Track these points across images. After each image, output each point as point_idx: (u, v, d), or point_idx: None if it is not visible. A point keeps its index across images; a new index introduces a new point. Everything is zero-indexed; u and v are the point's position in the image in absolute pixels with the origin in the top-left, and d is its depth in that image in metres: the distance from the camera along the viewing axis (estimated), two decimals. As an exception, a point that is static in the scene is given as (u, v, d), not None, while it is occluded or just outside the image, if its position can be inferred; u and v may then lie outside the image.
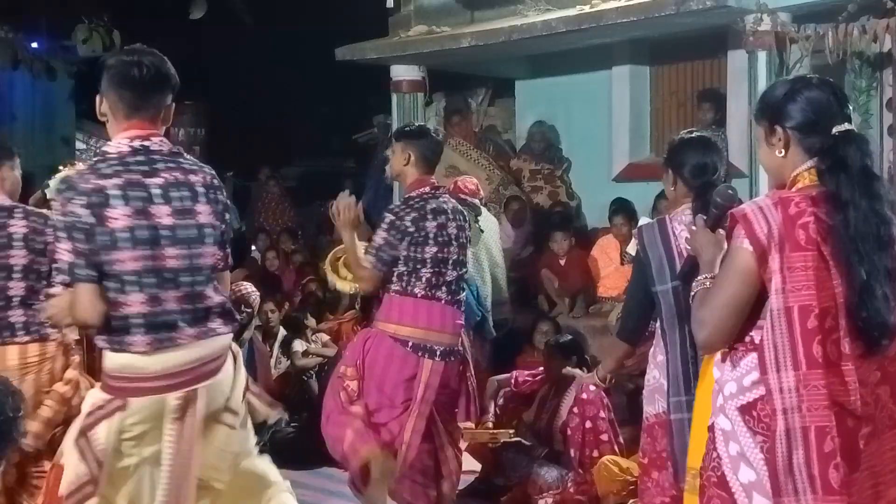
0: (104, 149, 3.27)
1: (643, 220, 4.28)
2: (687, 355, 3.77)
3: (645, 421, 3.99)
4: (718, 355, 2.76)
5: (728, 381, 2.67)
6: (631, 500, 5.28)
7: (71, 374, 4.35)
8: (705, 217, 2.92)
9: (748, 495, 2.60)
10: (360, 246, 5.03)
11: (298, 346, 7.76)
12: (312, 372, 7.64)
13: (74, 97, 13.61)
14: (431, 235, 4.87)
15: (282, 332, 7.89)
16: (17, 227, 4.29)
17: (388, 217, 4.88)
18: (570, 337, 6.44)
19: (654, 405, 3.92)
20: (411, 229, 4.82)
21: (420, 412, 4.87)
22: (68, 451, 3.21)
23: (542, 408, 6.23)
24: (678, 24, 8.06)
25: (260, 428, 6.91)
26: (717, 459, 2.66)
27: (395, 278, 4.87)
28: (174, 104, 3.35)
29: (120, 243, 3.11)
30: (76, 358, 4.37)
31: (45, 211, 4.32)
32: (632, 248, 4.67)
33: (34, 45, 11.77)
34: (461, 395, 5.09)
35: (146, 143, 3.24)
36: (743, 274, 2.60)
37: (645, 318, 3.99)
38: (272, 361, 7.68)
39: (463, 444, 6.28)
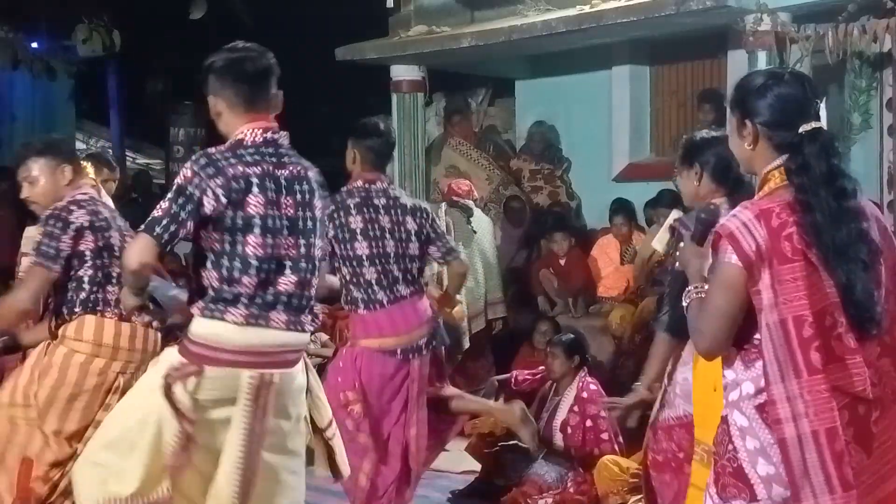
0: (238, 136, 3.38)
1: (675, 214, 4.21)
2: None
3: (663, 421, 3.97)
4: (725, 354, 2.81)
5: (744, 381, 2.71)
6: (631, 500, 5.28)
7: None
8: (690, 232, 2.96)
9: (766, 486, 2.66)
10: None
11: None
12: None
13: (74, 97, 13.61)
14: (357, 231, 4.83)
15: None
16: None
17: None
18: (571, 336, 6.44)
19: (676, 408, 3.90)
20: (327, 224, 4.77)
21: (419, 404, 4.91)
22: (133, 412, 3.31)
23: (543, 407, 6.23)
24: (678, 24, 8.07)
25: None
26: (734, 452, 2.70)
27: (351, 287, 4.84)
28: (281, 93, 3.51)
29: (255, 228, 3.28)
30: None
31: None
32: (660, 242, 4.62)
33: (34, 45, 11.76)
34: (431, 368, 5.05)
35: (276, 136, 3.41)
36: (733, 288, 2.63)
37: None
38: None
39: (463, 443, 6.29)
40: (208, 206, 3.23)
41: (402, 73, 9.61)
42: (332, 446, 3.67)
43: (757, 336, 2.68)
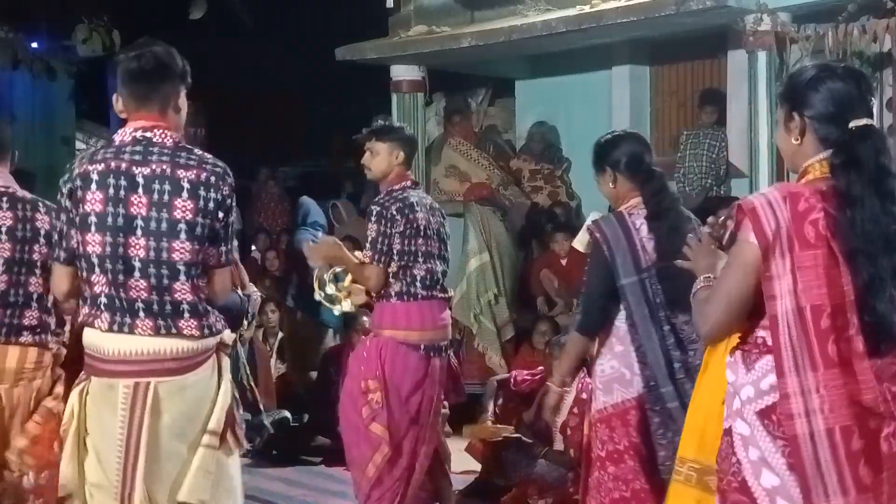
0: (113, 136, 3.37)
1: (593, 215, 4.32)
2: (667, 344, 3.87)
3: (599, 412, 4.01)
4: (729, 357, 2.73)
5: (744, 385, 2.62)
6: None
7: (59, 388, 4.13)
8: (710, 229, 2.89)
9: (771, 500, 2.56)
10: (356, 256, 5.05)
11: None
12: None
13: (74, 97, 13.61)
14: (421, 228, 4.90)
15: (281, 332, 7.90)
16: None
17: (374, 209, 4.92)
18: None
19: (611, 395, 3.98)
20: (398, 218, 4.84)
21: (436, 410, 4.98)
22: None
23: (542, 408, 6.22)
24: (678, 24, 8.06)
25: (259, 428, 6.98)
26: (738, 465, 2.60)
27: (391, 279, 4.88)
28: (183, 92, 3.43)
29: (91, 226, 3.22)
30: (62, 372, 4.11)
31: None
32: (580, 243, 4.78)
33: (34, 45, 11.76)
34: (448, 378, 5.13)
35: (148, 133, 3.29)
36: (746, 267, 2.56)
37: (606, 311, 4.01)
38: (272, 361, 7.68)
39: (464, 443, 6.30)
40: (68, 208, 3.27)
41: (402, 73, 9.61)
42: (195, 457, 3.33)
43: (760, 334, 2.60)
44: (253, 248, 11.15)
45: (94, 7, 11.57)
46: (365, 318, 6.22)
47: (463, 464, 6.26)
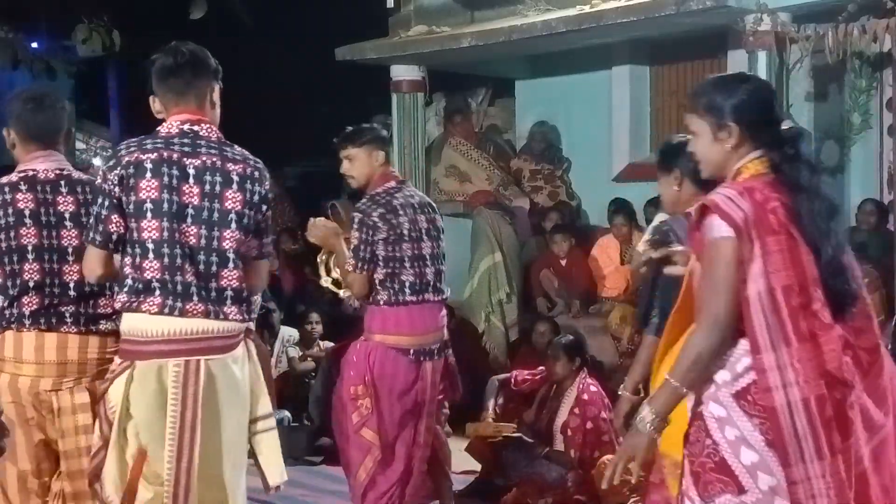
0: (158, 128, 3.46)
1: (661, 216, 4.22)
2: None
3: None
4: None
5: (719, 370, 2.76)
6: (631, 501, 5.28)
7: None
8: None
9: (752, 475, 2.71)
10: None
11: (294, 352, 7.78)
12: (314, 374, 7.64)
13: (74, 97, 13.60)
14: (405, 232, 4.84)
15: (283, 331, 7.90)
16: None
17: (357, 216, 4.88)
18: (572, 338, 6.45)
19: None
20: (381, 225, 4.79)
21: (429, 412, 4.94)
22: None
23: (543, 408, 6.23)
24: (678, 24, 8.06)
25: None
26: (714, 446, 2.74)
27: (378, 286, 4.85)
28: (217, 88, 3.57)
29: (147, 212, 3.31)
30: None
31: None
32: (644, 245, 4.66)
33: (34, 45, 11.77)
34: (443, 378, 5.06)
35: (195, 127, 3.44)
36: (728, 258, 2.70)
37: None
38: (273, 361, 7.68)
39: (464, 443, 6.29)
40: (115, 194, 3.33)
41: (402, 73, 9.61)
42: (255, 446, 3.51)
43: None
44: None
45: (94, 7, 11.56)
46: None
47: (463, 464, 6.26)
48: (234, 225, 3.37)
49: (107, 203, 3.35)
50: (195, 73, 3.49)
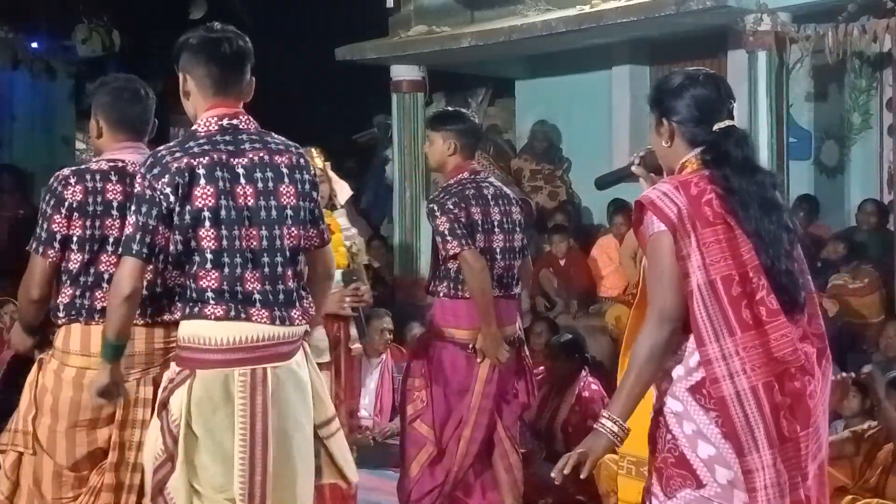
0: (193, 128, 3.26)
1: None
2: None
3: None
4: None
5: (674, 366, 2.79)
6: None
7: None
8: None
9: (710, 469, 2.72)
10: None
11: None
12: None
13: (74, 97, 13.59)
14: (477, 222, 4.68)
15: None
16: None
17: (432, 206, 4.71)
18: (572, 337, 6.45)
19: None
20: (455, 211, 4.63)
21: (482, 408, 4.76)
22: (152, 426, 3.27)
23: (544, 407, 6.23)
24: (678, 24, 8.07)
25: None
26: (673, 441, 2.77)
27: (441, 278, 4.73)
28: (254, 80, 3.34)
29: (204, 221, 3.12)
30: None
31: None
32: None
33: (34, 45, 11.75)
34: (518, 379, 4.94)
35: (234, 121, 3.24)
36: (668, 251, 2.74)
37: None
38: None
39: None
40: (165, 205, 3.11)
41: (402, 73, 9.61)
42: (330, 447, 3.42)
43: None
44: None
45: (94, 7, 11.57)
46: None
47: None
48: (290, 220, 3.21)
49: (154, 213, 3.11)
50: (245, 66, 3.29)
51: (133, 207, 3.16)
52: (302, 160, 3.30)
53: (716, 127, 2.82)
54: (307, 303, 3.29)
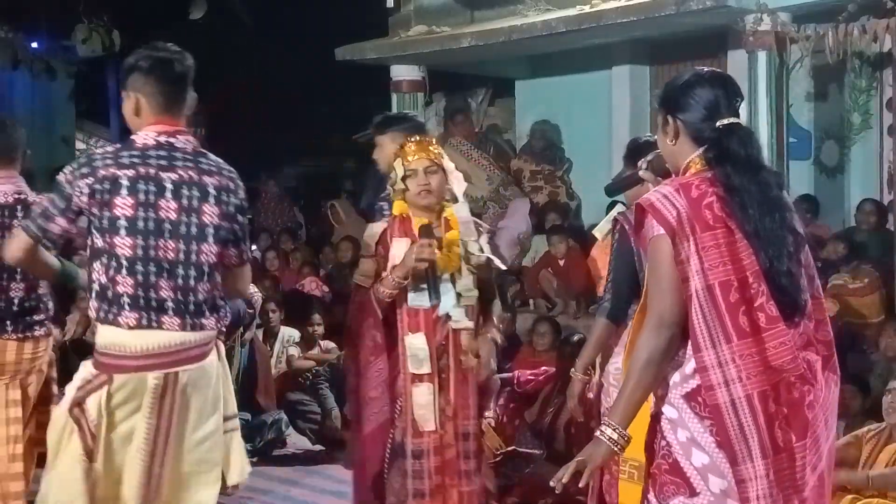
0: (132, 138, 3.40)
1: (619, 207, 4.50)
2: None
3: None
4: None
5: (671, 372, 2.76)
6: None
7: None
8: None
9: (703, 478, 2.69)
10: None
11: (294, 350, 7.78)
12: (311, 374, 7.62)
13: (74, 97, 13.61)
14: None
15: (283, 331, 7.90)
16: None
17: (382, 205, 4.59)
18: (578, 336, 6.45)
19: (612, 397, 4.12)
20: None
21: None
22: (56, 424, 3.37)
23: (546, 407, 6.22)
24: (678, 24, 8.07)
25: (260, 427, 6.98)
26: (668, 447, 2.74)
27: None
28: (195, 95, 3.51)
29: (121, 229, 3.29)
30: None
31: None
32: (599, 232, 4.85)
33: (34, 45, 11.77)
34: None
35: (171, 139, 3.39)
36: (668, 256, 2.70)
37: (629, 301, 4.15)
38: (272, 361, 7.68)
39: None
40: (77, 203, 3.30)
41: (402, 73, 9.62)
42: (227, 445, 3.53)
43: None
44: (254, 247, 11.14)
45: (94, 7, 11.58)
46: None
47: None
48: (211, 239, 3.37)
49: (62, 205, 3.32)
50: (189, 84, 3.45)
51: (53, 194, 3.36)
52: (232, 184, 3.44)
53: (719, 124, 2.79)
54: (223, 312, 3.44)
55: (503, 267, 4.28)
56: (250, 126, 14.28)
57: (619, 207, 4.53)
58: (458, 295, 4.07)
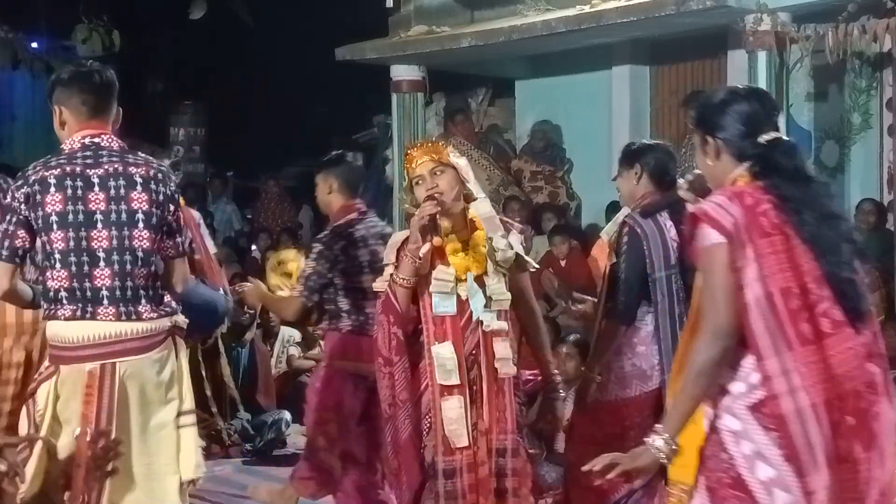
0: (61, 146, 3.58)
1: (625, 210, 4.55)
2: (678, 335, 4.07)
3: (607, 402, 4.33)
4: None
5: (733, 381, 2.69)
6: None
7: None
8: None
9: (768, 492, 2.63)
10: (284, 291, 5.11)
11: (295, 350, 7.79)
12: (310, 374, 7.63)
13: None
14: (365, 263, 4.77)
15: (283, 331, 7.90)
16: None
17: (317, 246, 4.82)
18: (579, 335, 6.46)
19: (629, 389, 4.28)
20: (341, 258, 4.74)
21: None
22: (22, 414, 3.59)
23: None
24: (678, 24, 8.07)
25: (260, 427, 6.98)
26: (730, 461, 2.67)
27: (343, 315, 4.80)
28: (121, 110, 3.68)
29: (53, 225, 3.45)
30: None
31: None
32: (607, 234, 4.92)
33: (34, 45, 11.77)
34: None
35: (96, 139, 3.55)
36: (723, 265, 2.66)
37: (637, 302, 4.27)
38: (272, 361, 7.68)
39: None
40: (21, 212, 3.46)
41: (402, 73, 9.61)
42: (179, 440, 3.59)
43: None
44: (253, 247, 11.15)
45: (94, 7, 11.58)
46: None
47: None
48: (141, 224, 3.50)
49: (14, 220, 3.48)
50: (113, 95, 3.63)
51: (7, 216, 3.52)
52: (160, 174, 3.58)
53: (762, 139, 2.76)
54: (167, 300, 3.57)
55: (535, 267, 4.16)
56: (250, 126, 14.28)
57: (624, 210, 4.58)
58: (490, 299, 3.80)
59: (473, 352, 3.79)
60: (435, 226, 3.71)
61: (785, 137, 2.83)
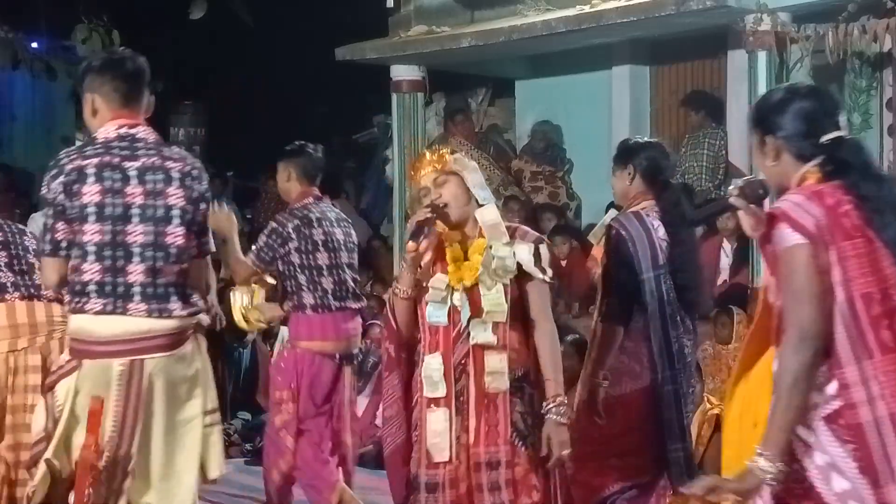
0: (94, 135, 3.54)
1: (612, 213, 4.62)
2: (670, 335, 4.22)
3: (607, 398, 4.30)
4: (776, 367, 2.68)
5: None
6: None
7: None
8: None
9: None
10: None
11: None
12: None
13: (74, 97, 13.57)
14: (320, 242, 5.07)
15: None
16: None
17: (272, 224, 5.20)
18: (578, 336, 6.46)
19: (619, 387, 4.31)
20: (293, 235, 5.04)
21: (352, 412, 5.19)
22: (38, 405, 3.55)
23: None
24: (678, 24, 8.07)
25: (260, 427, 6.97)
26: (801, 472, 2.59)
27: (304, 293, 5.04)
28: (153, 98, 3.64)
29: (90, 216, 3.40)
30: None
31: None
32: (594, 237, 4.93)
33: (34, 45, 11.75)
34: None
35: (132, 130, 3.51)
36: (806, 266, 2.55)
37: (631, 304, 4.30)
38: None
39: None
40: (58, 202, 3.41)
41: (402, 73, 9.61)
42: (207, 438, 3.59)
43: None
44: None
45: (94, 7, 11.57)
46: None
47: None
48: (176, 221, 3.47)
49: (51, 211, 3.45)
50: (144, 82, 3.59)
51: (46, 209, 3.52)
52: (196, 171, 3.57)
53: (825, 138, 2.67)
54: (195, 299, 3.54)
55: (547, 279, 3.72)
56: (250, 126, 14.27)
57: (611, 213, 4.62)
58: (481, 310, 3.62)
59: (462, 362, 3.67)
60: (432, 232, 3.69)
61: (849, 136, 2.75)
